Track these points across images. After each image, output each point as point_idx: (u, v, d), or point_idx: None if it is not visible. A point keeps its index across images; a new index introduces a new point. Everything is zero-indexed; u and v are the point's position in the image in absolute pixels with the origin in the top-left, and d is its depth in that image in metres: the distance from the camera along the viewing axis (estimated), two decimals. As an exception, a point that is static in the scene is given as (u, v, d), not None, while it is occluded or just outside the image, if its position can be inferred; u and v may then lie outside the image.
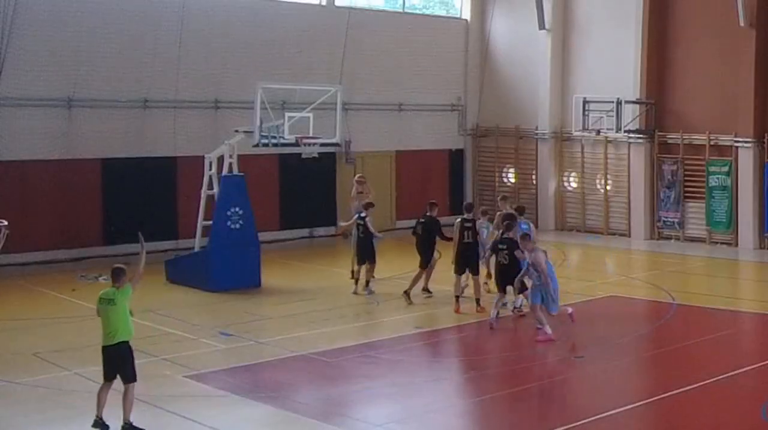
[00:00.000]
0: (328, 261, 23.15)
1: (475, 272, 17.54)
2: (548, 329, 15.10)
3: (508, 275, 16.07)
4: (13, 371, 13.22)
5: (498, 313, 16.14)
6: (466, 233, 17.51)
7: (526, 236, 15.75)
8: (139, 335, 15.40)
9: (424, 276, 18.50)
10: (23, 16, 21.13)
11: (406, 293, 18.06)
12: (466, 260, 17.47)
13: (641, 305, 19.15)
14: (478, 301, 17.36)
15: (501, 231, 16.77)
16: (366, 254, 18.92)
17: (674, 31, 26.30)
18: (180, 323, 16.31)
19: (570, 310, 15.87)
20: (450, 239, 18.16)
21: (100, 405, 10.66)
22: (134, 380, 10.75)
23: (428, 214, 19.05)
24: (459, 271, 17.49)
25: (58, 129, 22.22)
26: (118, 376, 10.73)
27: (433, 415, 11.81)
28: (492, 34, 30.35)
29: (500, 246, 16.22)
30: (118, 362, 10.71)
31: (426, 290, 18.61)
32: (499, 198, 21.03)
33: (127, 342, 10.78)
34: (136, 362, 13.75)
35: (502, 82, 30.20)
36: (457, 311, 17.22)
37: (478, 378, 13.50)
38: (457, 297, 17.42)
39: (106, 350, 10.77)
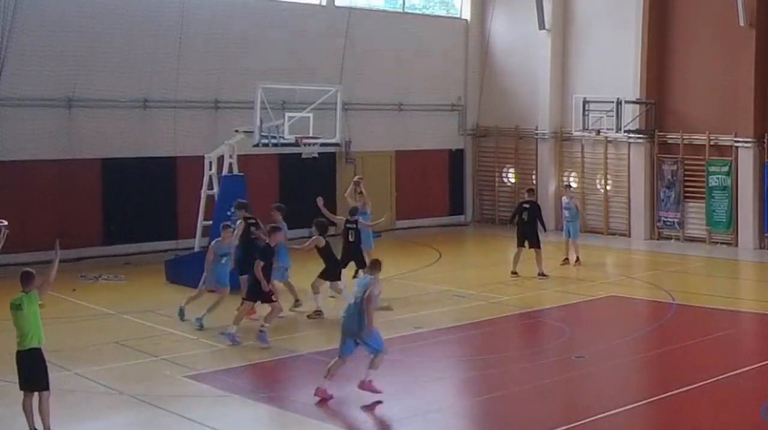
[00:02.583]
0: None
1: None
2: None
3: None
4: (14, 370, 13.20)
5: None
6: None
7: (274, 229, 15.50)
8: (139, 335, 15.53)
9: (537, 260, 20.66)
10: (23, 16, 21.13)
11: (541, 274, 20.48)
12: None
13: (641, 305, 19.15)
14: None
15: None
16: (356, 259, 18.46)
17: (674, 31, 26.31)
18: (180, 323, 16.30)
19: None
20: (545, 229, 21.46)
21: (27, 417, 10.49)
22: (47, 388, 10.50)
23: (530, 199, 21.49)
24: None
25: (58, 129, 22.23)
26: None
27: (433, 415, 11.81)
28: (492, 34, 30.36)
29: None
30: (30, 369, 10.49)
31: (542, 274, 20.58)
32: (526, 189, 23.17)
33: (39, 349, 10.54)
34: (136, 361, 13.90)
35: (502, 82, 30.21)
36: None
37: (478, 378, 13.50)
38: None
39: (18, 356, 10.59)
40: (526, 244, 20.77)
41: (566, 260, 22.52)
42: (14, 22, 20.94)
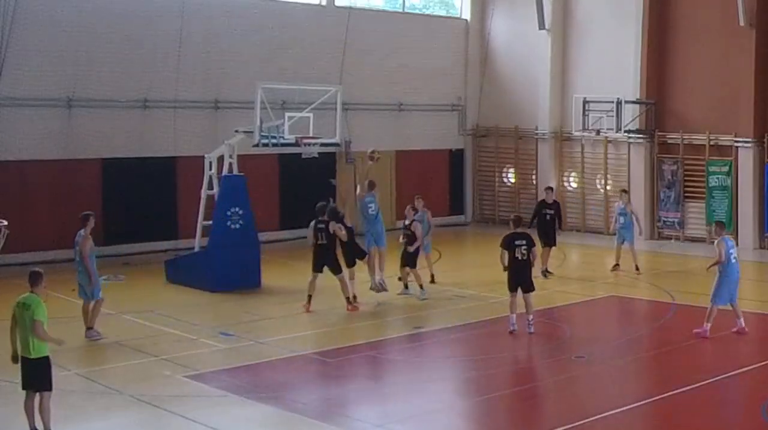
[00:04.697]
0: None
1: (338, 271, 17.41)
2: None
3: (524, 273, 15.68)
4: (13, 370, 13.20)
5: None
6: (320, 235, 17.32)
7: None
8: (140, 335, 15.53)
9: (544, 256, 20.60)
10: (23, 17, 21.15)
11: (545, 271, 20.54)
12: (323, 260, 17.33)
13: (641, 305, 19.15)
14: (348, 299, 17.41)
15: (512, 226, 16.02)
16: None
17: (674, 31, 26.32)
18: (180, 323, 16.31)
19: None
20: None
21: (28, 417, 10.49)
22: (49, 389, 10.52)
23: (554, 200, 21.49)
24: (317, 269, 17.37)
25: (58, 129, 22.24)
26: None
27: (433, 415, 11.82)
28: (492, 34, 30.36)
29: (517, 242, 15.63)
30: (34, 369, 10.50)
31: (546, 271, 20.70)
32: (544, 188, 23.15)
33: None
34: (136, 361, 13.90)
35: (502, 82, 30.21)
36: (307, 310, 17.18)
37: (478, 378, 13.50)
38: (310, 296, 17.33)
39: (21, 358, 10.58)
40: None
41: (617, 266, 21.70)
42: (14, 22, 20.94)
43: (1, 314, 16.97)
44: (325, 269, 17.37)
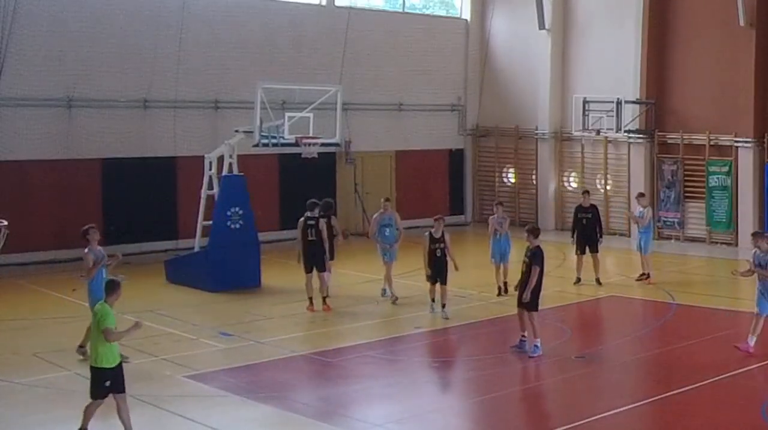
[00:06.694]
0: (328, 261, 23.10)
1: (322, 268, 17.38)
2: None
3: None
4: (13, 371, 13.22)
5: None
6: (309, 232, 17.34)
7: None
8: (139, 335, 15.38)
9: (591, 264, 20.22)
10: (23, 17, 21.16)
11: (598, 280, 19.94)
12: (313, 260, 17.32)
13: (641, 305, 19.14)
14: (324, 299, 17.40)
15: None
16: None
17: (674, 31, 26.32)
18: (180, 323, 16.31)
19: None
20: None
21: (85, 418, 10.41)
22: (122, 391, 10.42)
23: (590, 204, 20.74)
24: (309, 270, 17.36)
25: (58, 129, 22.24)
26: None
27: (433, 415, 11.82)
28: (492, 34, 30.36)
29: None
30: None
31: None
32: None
33: (93, 367, 10.39)
34: (136, 362, 13.89)
35: (502, 82, 30.21)
36: (312, 311, 17.26)
37: (478, 378, 13.50)
38: (311, 298, 17.35)
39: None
40: (587, 249, 20.30)
41: (643, 276, 20.64)
42: (14, 22, 20.95)
43: (1, 314, 17.06)
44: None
